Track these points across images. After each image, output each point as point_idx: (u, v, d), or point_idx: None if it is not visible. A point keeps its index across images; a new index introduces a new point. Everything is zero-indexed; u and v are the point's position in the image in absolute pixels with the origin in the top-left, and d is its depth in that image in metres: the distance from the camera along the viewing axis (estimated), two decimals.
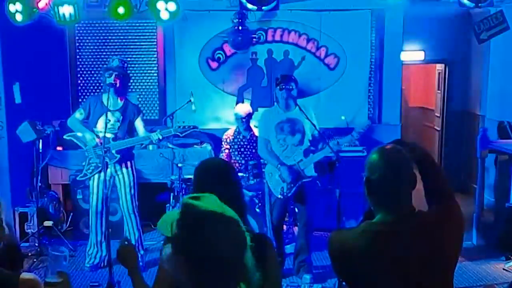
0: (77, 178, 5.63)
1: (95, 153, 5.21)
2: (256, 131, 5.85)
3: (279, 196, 5.02)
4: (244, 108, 6.22)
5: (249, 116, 6.07)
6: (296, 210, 5.59)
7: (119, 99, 5.27)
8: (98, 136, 5.20)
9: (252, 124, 6.17)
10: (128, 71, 5.46)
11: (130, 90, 6.21)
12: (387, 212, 2.05)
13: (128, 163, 5.34)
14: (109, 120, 5.13)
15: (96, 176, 5.26)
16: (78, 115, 5.36)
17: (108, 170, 5.19)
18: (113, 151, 5.18)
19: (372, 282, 2.01)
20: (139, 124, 5.31)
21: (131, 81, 6.14)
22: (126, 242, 2.37)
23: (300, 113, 4.96)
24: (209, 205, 1.72)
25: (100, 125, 5.19)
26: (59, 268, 2.20)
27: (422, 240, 2.00)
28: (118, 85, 5.16)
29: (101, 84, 5.51)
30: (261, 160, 5.66)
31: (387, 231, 2.01)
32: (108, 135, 5.15)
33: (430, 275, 2.00)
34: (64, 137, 5.60)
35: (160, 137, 5.17)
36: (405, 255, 1.98)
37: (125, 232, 5.41)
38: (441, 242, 2.03)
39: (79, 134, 5.30)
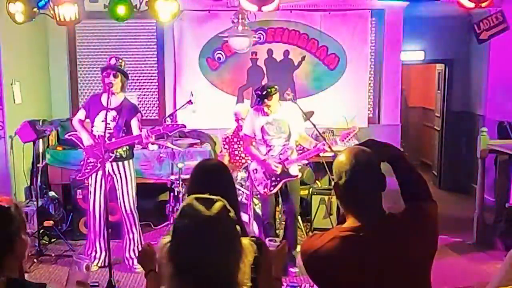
0: (76, 178, 5.62)
1: (92, 152, 5.22)
2: None
3: (263, 192, 5.10)
4: (245, 107, 6.21)
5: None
6: (284, 208, 5.59)
7: (117, 98, 5.26)
8: (94, 136, 5.21)
9: None
10: (127, 70, 5.45)
11: (129, 89, 6.20)
12: (356, 217, 2.01)
13: (126, 162, 5.33)
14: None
15: (94, 175, 5.25)
16: (81, 115, 5.39)
17: (106, 169, 5.18)
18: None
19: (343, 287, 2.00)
20: (133, 123, 5.27)
21: (131, 81, 6.13)
22: (148, 246, 2.36)
23: (287, 113, 5.03)
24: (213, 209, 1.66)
25: (97, 124, 5.20)
26: (79, 277, 2.17)
27: (391, 243, 1.97)
28: (115, 84, 5.16)
29: (101, 84, 5.50)
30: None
31: (355, 236, 1.97)
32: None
33: (401, 279, 1.98)
34: (65, 136, 5.60)
35: (148, 134, 5.11)
36: (374, 260, 1.95)
37: (124, 232, 5.40)
38: (411, 244, 2.00)
39: (77, 133, 5.32)
